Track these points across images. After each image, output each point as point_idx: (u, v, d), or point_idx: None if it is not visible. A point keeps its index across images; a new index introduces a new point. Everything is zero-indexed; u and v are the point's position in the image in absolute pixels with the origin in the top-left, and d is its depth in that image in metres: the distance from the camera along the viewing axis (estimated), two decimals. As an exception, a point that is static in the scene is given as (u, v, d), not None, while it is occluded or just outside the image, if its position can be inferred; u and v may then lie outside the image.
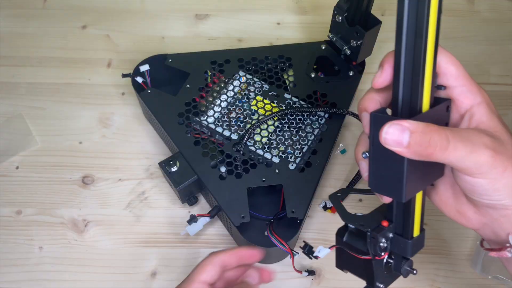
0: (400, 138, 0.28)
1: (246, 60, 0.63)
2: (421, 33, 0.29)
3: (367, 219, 0.37)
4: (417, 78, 0.30)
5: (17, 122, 0.64)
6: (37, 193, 0.60)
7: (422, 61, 0.29)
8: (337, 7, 0.59)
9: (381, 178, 0.32)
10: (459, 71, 0.32)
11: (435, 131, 0.29)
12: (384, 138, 0.29)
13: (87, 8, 0.76)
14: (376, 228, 0.35)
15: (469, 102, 0.33)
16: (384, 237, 0.35)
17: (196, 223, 0.54)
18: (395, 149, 0.29)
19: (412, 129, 0.28)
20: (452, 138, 0.29)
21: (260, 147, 0.56)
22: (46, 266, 0.55)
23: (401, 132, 0.28)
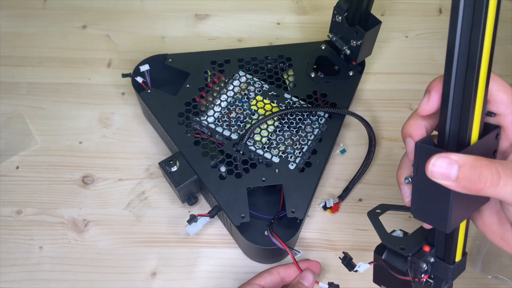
0: (448, 171, 0.28)
1: (246, 60, 0.63)
2: (474, 64, 0.27)
3: (408, 241, 0.36)
4: (467, 109, 0.29)
5: (17, 122, 0.65)
6: (37, 193, 0.60)
7: (473, 93, 0.28)
8: (337, 7, 0.59)
9: (425, 207, 0.31)
10: (510, 98, 0.31)
11: (486, 166, 0.28)
12: (431, 171, 0.28)
13: (87, 8, 0.76)
14: (417, 253, 0.35)
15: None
16: (425, 262, 0.34)
17: (196, 223, 0.54)
18: (443, 182, 0.28)
19: (461, 163, 0.28)
20: (503, 173, 0.28)
21: (260, 147, 0.56)
22: (46, 266, 0.55)
23: (449, 165, 0.28)
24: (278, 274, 0.48)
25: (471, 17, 0.26)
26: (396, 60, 0.71)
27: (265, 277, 0.47)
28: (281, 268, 0.48)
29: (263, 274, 0.47)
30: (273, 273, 0.48)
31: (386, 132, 0.65)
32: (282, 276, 0.48)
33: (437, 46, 0.72)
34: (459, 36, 0.26)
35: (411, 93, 0.68)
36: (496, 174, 0.28)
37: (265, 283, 0.47)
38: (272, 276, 0.47)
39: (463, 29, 0.26)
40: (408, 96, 0.68)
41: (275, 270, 0.48)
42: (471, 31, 0.26)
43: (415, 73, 0.70)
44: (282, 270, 0.48)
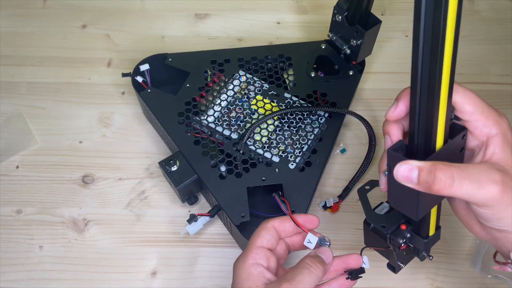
0: (410, 175, 0.32)
1: (246, 59, 0.63)
2: (433, 87, 0.31)
3: (388, 219, 0.41)
4: (431, 122, 0.32)
5: (17, 121, 0.65)
6: (37, 193, 0.60)
7: (435, 110, 0.31)
8: (337, 6, 0.59)
9: (398, 199, 0.36)
10: (474, 108, 0.34)
11: (440, 170, 0.31)
12: (396, 176, 0.32)
13: (87, 7, 0.76)
14: (395, 230, 0.40)
15: (484, 135, 0.35)
16: (402, 238, 0.40)
17: (196, 222, 0.54)
18: (407, 184, 0.32)
19: (420, 168, 0.32)
20: (457, 176, 0.32)
21: (260, 146, 0.56)
22: (46, 265, 0.55)
23: (410, 171, 0.32)
24: (274, 228, 0.42)
25: (430, 45, 0.29)
26: (396, 59, 0.71)
27: (264, 235, 0.41)
28: (275, 221, 0.42)
29: (261, 233, 0.41)
30: (269, 228, 0.42)
31: (386, 131, 0.65)
32: (278, 230, 0.42)
33: (437, 46, 0.72)
34: (420, 62, 0.30)
35: (411, 92, 0.68)
36: (450, 177, 0.31)
37: (268, 243, 0.41)
38: (270, 232, 0.42)
39: (424, 57, 0.30)
40: (408, 95, 0.68)
41: (270, 225, 0.42)
42: (430, 60, 0.29)
43: (415, 73, 0.70)
44: (277, 224, 0.42)
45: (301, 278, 0.37)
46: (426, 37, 0.29)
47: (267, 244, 0.41)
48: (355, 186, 0.59)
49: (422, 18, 0.28)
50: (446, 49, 0.29)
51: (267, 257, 0.40)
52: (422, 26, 0.28)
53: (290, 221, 0.42)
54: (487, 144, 0.35)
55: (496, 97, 0.67)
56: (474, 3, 0.77)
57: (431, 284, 0.55)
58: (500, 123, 0.35)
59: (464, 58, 0.71)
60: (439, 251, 0.56)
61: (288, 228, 0.42)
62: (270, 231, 0.42)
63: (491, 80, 0.69)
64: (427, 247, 0.40)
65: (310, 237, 0.42)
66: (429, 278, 0.55)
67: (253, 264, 0.39)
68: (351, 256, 0.42)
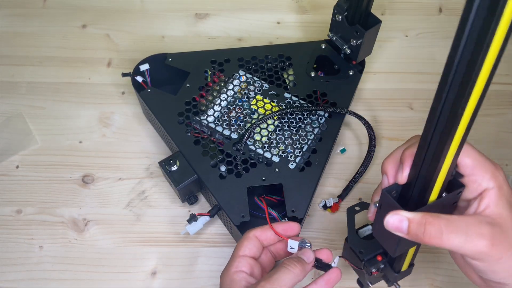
0: (400, 226, 0.33)
1: (246, 59, 0.63)
2: (438, 157, 0.30)
3: (368, 246, 0.42)
4: (430, 178, 0.32)
5: (17, 121, 0.65)
6: (37, 192, 0.60)
7: (440, 165, 0.31)
8: (337, 6, 0.59)
9: (381, 233, 0.36)
10: (473, 163, 0.35)
11: (429, 223, 0.32)
12: (386, 225, 0.33)
13: (87, 7, 0.76)
14: (371, 259, 0.41)
15: (480, 188, 0.35)
16: (376, 267, 0.41)
17: (196, 222, 0.54)
18: (397, 233, 0.33)
19: (410, 219, 0.32)
20: (445, 229, 0.32)
21: (260, 146, 0.56)
22: (46, 265, 0.55)
23: (400, 222, 0.33)
24: (256, 237, 0.44)
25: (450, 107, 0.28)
26: (396, 59, 0.71)
27: (247, 244, 0.43)
28: (257, 231, 0.44)
29: (244, 243, 0.43)
30: (251, 237, 0.44)
31: (386, 131, 0.65)
32: (260, 239, 0.44)
33: (437, 46, 0.72)
34: (431, 134, 0.30)
35: (411, 92, 0.68)
36: (438, 230, 0.32)
37: (250, 251, 0.43)
38: (253, 242, 0.43)
39: (440, 119, 0.29)
40: (408, 95, 0.68)
41: (251, 234, 0.44)
42: (447, 123, 0.29)
43: (415, 73, 0.70)
44: (259, 233, 0.44)
45: (279, 276, 0.39)
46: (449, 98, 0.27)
47: (249, 253, 0.43)
48: (355, 186, 0.59)
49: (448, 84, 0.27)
50: (466, 112, 0.28)
51: (250, 265, 0.42)
52: (444, 96, 0.27)
53: (271, 230, 0.44)
54: (482, 197, 0.35)
55: (496, 96, 0.67)
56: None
57: (431, 284, 0.55)
58: (496, 176, 0.35)
59: (464, 58, 0.71)
60: (439, 251, 0.56)
61: (270, 237, 0.44)
62: (251, 240, 0.43)
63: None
64: (396, 280, 0.42)
65: (291, 243, 0.43)
66: (429, 278, 0.55)
67: (236, 272, 0.41)
68: (323, 250, 0.44)
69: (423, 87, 0.69)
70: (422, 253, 0.56)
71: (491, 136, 0.64)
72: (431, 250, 0.56)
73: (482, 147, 0.63)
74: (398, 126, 0.65)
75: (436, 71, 0.70)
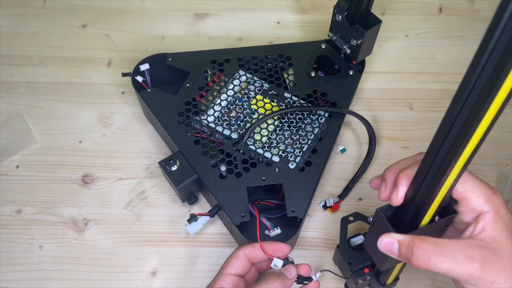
0: (391, 248, 0.34)
1: (246, 59, 0.63)
2: (434, 188, 0.31)
3: (357, 257, 0.45)
4: (424, 204, 0.33)
5: (17, 121, 0.65)
6: (37, 192, 0.60)
7: (436, 193, 0.32)
8: (337, 6, 0.59)
9: (372, 248, 0.37)
10: (466, 188, 0.35)
11: (417, 246, 0.33)
12: (379, 246, 0.35)
13: (87, 7, 0.76)
14: (359, 270, 0.44)
15: (476, 212, 0.35)
16: (362, 279, 0.44)
17: (196, 222, 0.54)
18: (389, 255, 0.34)
19: (400, 242, 0.34)
20: (433, 253, 0.33)
21: (260, 146, 0.56)
22: (46, 265, 0.55)
23: (391, 244, 0.34)
24: (245, 255, 0.46)
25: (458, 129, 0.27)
26: (396, 59, 0.71)
27: (234, 263, 0.45)
28: (246, 249, 0.46)
29: (231, 261, 0.45)
30: (240, 256, 0.45)
31: (386, 131, 0.65)
32: (249, 257, 0.46)
33: (437, 45, 0.72)
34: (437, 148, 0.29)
35: (411, 92, 0.68)
36: (426, 255, 0.33)
37: (236, 270, 0.45)
38: (240, 260, 0.45)
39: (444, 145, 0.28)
40: (408, 95, 0.68)
41: (241, 253, 0.45)
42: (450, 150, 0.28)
43: (415, 72, 0.70)
44: (248, 251, 0.46)
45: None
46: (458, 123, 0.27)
47: (235, 272, 0.45)
48: (355, 186, 0.59)
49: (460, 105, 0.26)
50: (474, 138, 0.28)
51: (233, 283, 0.44)
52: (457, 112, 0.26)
53: (260, 248, 0.45)
54: (477, 221, 0.35)
55: (496, 96, 0.67)
56: (475, 3, 0.77)
57: (431, 284, 0.55)
58: (493, 200, 0.35)
59: (464, 57, 0.71)
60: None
61: (259, 255, 0.46)
62: (239, 259, 0.45)
63: (491, 79, 0.69)
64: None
65: (276, 261, 0.45)
66: (428, 278, 0.55)
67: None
68: (302, 266, 0.46)
69: (423, 87, 0.69)
70: (422, 253, 0.56)
71: (491, 136, 0.63)
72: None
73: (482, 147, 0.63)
74: (398, 126, 0.65)
75: (436, 71, 0.70)
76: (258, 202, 0.54)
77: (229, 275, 0.45)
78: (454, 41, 0.73)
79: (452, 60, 0.71)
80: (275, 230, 0.52)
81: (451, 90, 0.68)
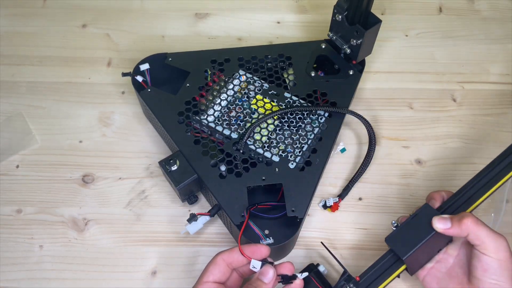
0: (445, 222, 0.45)
1: (246, 59, 0.63)
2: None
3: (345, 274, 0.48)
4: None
5: (17, 121, 0.65)
6: (37, 192, 0.60)
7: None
8: (337, 6, 0.59)
9: (400, 238, 0.46)
10: (483, 236, 0.44)
11: (464, 217, 0.45)
12: (435, 224, 0.45)
13: (87, 7, 0.76)
14: (349, 277, 0.46)
15: (483, 257, 0.45)
16: (354, 285, 0.46)
17: (196, 222, 0.54)
18: (443, 227, 0.45)
19: (451, 217, 0.45)
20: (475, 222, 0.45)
21: (260, 146, 0.56)
22: (46, 265, 0.55)
23: (444, 220, 0.45)
24: (223, 261, 0.45)
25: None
26: (396, 59, 0.71)
27: (212, 270, 0.45)
28: (224, 254, 0.45)
29: (209, 268, 0.45)
30: (218, 262, 0.45)
31: (386, 131, 0.65)
32: (228, 262, 0.45)
33: (437, 45, 0.72)
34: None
35: (411, 92, 0.68)
36: (471, 220, 0.45)
37: (214, 277, 0.45)
38: (218, 267, 0.45)
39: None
40: (408, 95, 0.68)
41: (219, 258, 0.45)
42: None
43: (415, 72, 0.70)
44: (226, 257, 0.45)
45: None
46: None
47: (213, 279, 0.44)
48: (355, 186, 0.59)
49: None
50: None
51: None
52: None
53: (238, 252, 0.45)
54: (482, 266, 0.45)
55: (496, 96, 0.67)
56: (475, 3, 0.77)
57: (431, 283, 0.55)
58: (499, 250, 0.43)
59: (465, 57, 0.71)
60: (439, 251, 0.56)
61: (238, 259, 0.45)
62: (218, 265, 0.45)
63: (491, 79, 0.69)
64: None
65: (254, 263, 0.45)
66: (429, 278, 0.55)
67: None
68: (284, 265, 0.45)
69: (423, 87, 0.69)
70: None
71: (491, 136, 0.64)
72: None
73: (482, 147, 0.63)
74: (398, 125, 0.65)
75: (436, 71, 0.70)
76: (256, 206, 0.53)
77: (208, 283, 0.44)
78: (454, 41, 0.73)
79: (452, 60, 0.71)
80: (267, 240, 0.51)
81: (450, 90, 0.68)
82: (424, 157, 0.63)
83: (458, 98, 0.68)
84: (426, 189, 0.59)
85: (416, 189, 0.60)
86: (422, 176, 0.61)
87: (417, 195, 0.59)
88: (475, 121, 0.65)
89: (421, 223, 0.46)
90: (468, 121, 0.65)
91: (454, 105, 0.67)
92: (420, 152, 0.63)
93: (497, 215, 0.57)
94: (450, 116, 0.66)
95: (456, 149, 0.63)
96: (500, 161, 0.48)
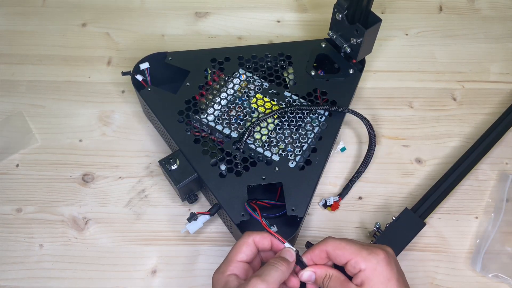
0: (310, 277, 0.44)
1: (246, 58, 0.63)
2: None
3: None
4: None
5: (17, 120, 0.65)
6: (37, 191, 0.60)
7: None
8: (337, 5, 0.59)
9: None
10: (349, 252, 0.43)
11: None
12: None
13: (86, 6, 0.76)
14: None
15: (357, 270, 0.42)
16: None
17: (196, 221, 0.54)
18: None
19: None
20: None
21: (260, 145, 0.56)
22: (46, 264, 0.55)
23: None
24: (254, 243, 0.44)
25: None
26: (396, 58, 0.71)
27: (245, 250, 0.44)
28: (256, 236, 0.44)
29: (242, 248, 0.44)
30: (250, 243, 0.44)
31: (386, 130, 0.65)
32: (258, 245, 0.45)
33: (437, 44, 0.72)
34: None
35: (411, 91, 0.68)
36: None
37: (248, 257, 0.44)
38: (251, 248, 0.44)
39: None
40: (408, 94, 0.68)
41: (251, 240, 0.44)
42: None
43: (415, 71, 0.70)
44: (258, 239, 0.44)
45: (268, 272, 0.41)
46: None
47: (246, 259, 0.44)
48: (355, 185, 0.59)
49: None
50: None
51: (245, 270, 0.43)
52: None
53: (268, 236, 0.45)
54: (356, 276, 0.43)
55: (497, 95, 0.67)
56: (475, 2, 0.77)
57: (431, 282, 0.55)
58: (368, 260, 0.42)
59: (465, 56, 0.71)
60: (439, 250, 0.56)
61: (266, 244, 0.45)
62: (249, 246, 0.44)
63: (491, 78, 0.69)
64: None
65: (287, 246, 0.45)
66: (428, 277, 0.55)
67: (231, 275, 0.42)
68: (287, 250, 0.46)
69: (423, 86, 0.69)
70: (422, 252, 0.56)
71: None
72: (431, 249, 0.56)
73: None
74: (398, 124, 0.65)
75: (436, 70, 0.70)
76: (256, 201, 0.53)
77: (241, 262, 0.43)
78: (454, 40, 0.73)
79: (452, 59, 0.71)
80: (271, 228, 0.51)
81: (451, 88, 0.68)
82: (424, 156, 0.63)
83: (458, 97, 0.68)
84: (426, 188, 0.59)
85: (416, 188, 0.60)
86: (422, 175, 0.61)
87: (417, 194, 0.59)
88: (475, 120, 0.65)
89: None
90: (468, 120, 0.65)
91: (454, 104, 0.67)
92: (420, 151, 0.63)
93: (497, 215, 0.57)
94: (450, 115, 0.66)
95: (456, 148, 0.63)
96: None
